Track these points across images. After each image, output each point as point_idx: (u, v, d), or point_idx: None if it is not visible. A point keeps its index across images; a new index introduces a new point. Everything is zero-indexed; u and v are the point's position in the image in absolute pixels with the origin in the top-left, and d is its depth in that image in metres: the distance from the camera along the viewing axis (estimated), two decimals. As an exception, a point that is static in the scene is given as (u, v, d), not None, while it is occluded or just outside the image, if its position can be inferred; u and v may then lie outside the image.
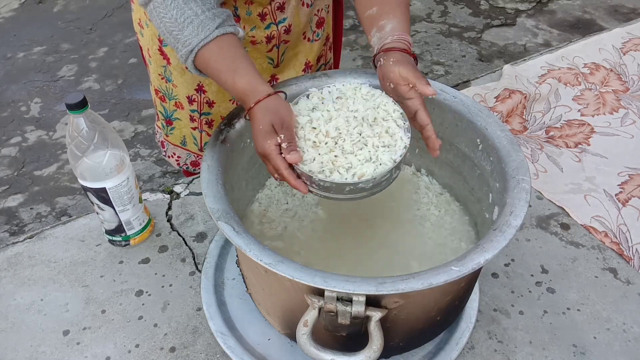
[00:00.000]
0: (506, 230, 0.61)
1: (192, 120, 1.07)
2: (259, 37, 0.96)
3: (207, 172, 0.68)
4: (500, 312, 0.82)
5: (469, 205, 0.84)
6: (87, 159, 0.78)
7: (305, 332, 0.58)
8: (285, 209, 0.86)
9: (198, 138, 1.10)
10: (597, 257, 0.90)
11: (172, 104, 1.07)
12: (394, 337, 0.66)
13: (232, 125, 0.75)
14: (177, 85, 1.02)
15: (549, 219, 0.97)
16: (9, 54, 3.02)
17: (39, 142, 2.43)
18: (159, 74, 1.04)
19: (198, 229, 0.95)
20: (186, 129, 1.10)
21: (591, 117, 1.22)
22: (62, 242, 0.92)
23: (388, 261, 0.79)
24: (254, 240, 0.60)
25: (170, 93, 1.05)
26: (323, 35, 1.08)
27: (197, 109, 1.04)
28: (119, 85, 2.78)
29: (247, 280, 0.75)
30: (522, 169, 0.69)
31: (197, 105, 1.03)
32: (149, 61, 1.05)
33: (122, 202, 0.84)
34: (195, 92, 1.02)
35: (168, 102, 1.07)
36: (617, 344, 0.78)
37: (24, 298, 0.84)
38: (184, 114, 1.07)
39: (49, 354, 0.77)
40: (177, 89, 1.03)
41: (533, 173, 1.07)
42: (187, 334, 0.79)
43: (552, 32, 3.12)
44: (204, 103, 1.03)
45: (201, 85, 1.01)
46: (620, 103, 1.26)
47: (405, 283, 0.56)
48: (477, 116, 0.77)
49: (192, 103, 1.04)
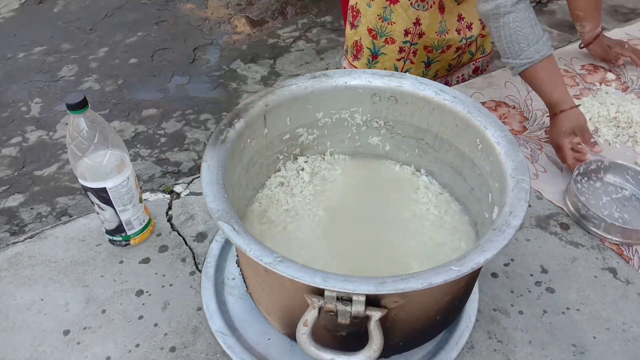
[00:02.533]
0: (506, 230, 0.61)
1: (401, 52, 1.32)
2: None
3: (207, 172, 0.68)
4: (500, 312, 0.82)
5: (469, 205, 0.84)
6: (87, 159, 0.78)
7: (305, 331, 0.58)
8: (285, 209, 0.86)
9: (400, 67, 1.35)
10: (597, 257, 0.91)
11: (382, 40, 1.31)
12: (393, 337, 0.66)
13: (232, 126, 0.76)
14: (396, 22, 1.27)
15: (548, 219, 0.97)
16: (9, 54, 3.02)
17: (40, 142, 2.44)
18: (377, 15, 1.28)
19: (198, 229, 0.95)
20: (389, 62, 1.34)
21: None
22: (62, 242, 0.92)
23: (388, 261, 0.79)
24: (254, 240, 0.60)
25: (384, 31, 1.29)
26: None
27: (410, 40, 1.29)
28: (119, 86, 2.78)
29: (247, 280, 0.76)
30: (522, 168, 0.69)
31: (410, 37, 1.29)
32: (368, 5, 1.27)
33: (123, 202, 0.84)
34: (413, 25, 1.27)
35: (379, 39, 1.31)
36: (616, 344, 0.78)
37: (24, 298, 0.84)
38: (393, 48, 1.31)
39: (49, 353, 0.77)
40: (393, 26, 1.27)
41: (533, 173, 1.07)
42: (187, 333, 0.79)
43: (552, 32, 3.12)
44: (416, 34, 1.29)
45: (418, 19, 1.26)
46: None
47: (405, 283, 0.56)
48: (477, 116, 0.78)
49: (407, 35, 1.29)
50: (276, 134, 0.85)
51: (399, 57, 1.33)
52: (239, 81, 2.83)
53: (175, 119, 2.57)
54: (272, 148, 0.87)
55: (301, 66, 2.94)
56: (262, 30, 3.25)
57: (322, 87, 0.84)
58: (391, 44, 1.31)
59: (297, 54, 3.03)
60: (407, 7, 1.25)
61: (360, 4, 1.30)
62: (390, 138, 0.92)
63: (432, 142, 0.87)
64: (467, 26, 1.32)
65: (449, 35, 1.31)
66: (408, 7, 1.25)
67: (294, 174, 0.91)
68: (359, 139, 0.93)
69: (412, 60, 1.35)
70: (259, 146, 0.83)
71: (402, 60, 1.34)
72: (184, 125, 2.53)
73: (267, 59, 3.00)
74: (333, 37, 3.17)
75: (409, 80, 0.84)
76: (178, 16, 3.38)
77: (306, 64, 2.96)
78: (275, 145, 0.87)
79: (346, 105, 0.88)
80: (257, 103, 0.80)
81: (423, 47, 1.33)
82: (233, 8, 3.46)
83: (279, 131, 0.86)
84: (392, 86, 0.84)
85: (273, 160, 0.89)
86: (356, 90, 0.85)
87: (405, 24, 1.27)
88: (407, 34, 1.28)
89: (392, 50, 1.32)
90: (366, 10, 1.29)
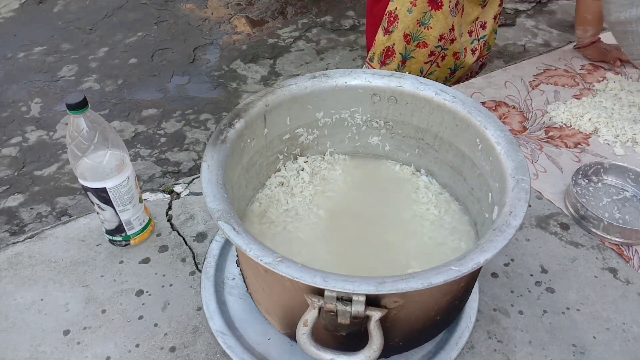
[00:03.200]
0: (506, 230, 0.61)
1: (430, 55, 1.34)
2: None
3: (207, 172, 0.68)
4: (500, 312, 0.82)
5: (469, 205, 0.84)
6: (87, 159, 0.78)
7: (305, 331, 0.58)
8: (285, 209, 0.86)
9: (425, 70, 1.38)
10: (597, 257, 0.91)
11: (414, 44, 1.33)
12: (393, 337, 0.66)
13: (232, 126, 0.76)
14: (434, 27, 1.29)
15: (548, 219, 0.97)
16: (9, 54, 3.02)
17: (40, 142, 2.44)
18: (417, 20, 1.29)
19: (198, 229, 0.95)
20: (417, 65, 1.37)
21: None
22: (62, 242, 0.92)
23: (388, 261, 0.79)
24: (254, 240, 0.60)
25: (419, 35, 1.31)
26: None
27: (442, 45, 1.33)
28: (119, 86, 2.78)
29: (247, 280, 0.76)
30: (522, 168, 0.69)
31: (443, 42, 1.32)
32: (409, 11, 1.28)
33: (123, 202, 0.84)
34: (449, 31, 1.30)
35: (412, 43, 1.33)
36: (616, 344, 0.78)
37: (24, 298, 0.84)
38: (424, 52, 1.34)
39: (49, 353, 0.77)
40: (429, 31, 1.30)
41: (533, 173, 1.07)
42: (187, 333, 0.79)
43: (552, 32, 3.12)
44: (449, 40, 1.32)
45: (453, 26, 1.30)
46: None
47: (405, 283, 0.56)
48: (477, 116, 0.78)
49: (441, 40, 1.31)
50: (276, 134, 0.86)
51: (428, 60, 1.35)
52: (239, 81, 2.83)
53: (175, 119, 2.57)
54: (272, 148, 0.87)
55: (301, 66, 2.94)
56: (262, 30, 3.25)
57: (322, 87, 0.84)
58: (423, 47, 1.33)
59: (297, 54, 3.03)
60: (448, 15, 1.28)
61: (400, 9, 1.30)
62: (390, 138, 0.92)
63: (432, 142, 0.87)
64: (481, 25, 1.36)
65: (463, 37, 1.32)
66: (448, 14, 1.27)
67: (294, 174, 0.91)
68: (359, 139, 0.93)
69: (439, 64, 1.37)
70: (259, 146, 0.83)
71: (429, 63, 1.36)
72: (184, 125, 2.53)
73: (267, 59, 3.00)
74: (333, 37, 3.17)
75: (409, 80, 0.84)
76: (178, 16, 3.38)
77: (306, 64, 2.96)
78: (275, 145, 0.87)
79: (346, 105, 0.88)
80: (257, 103, 0.80)
81: (452, 53, 1.35)
82: (233, 8, 3.46)
83: (279, 131, 0.86)
84: (392, 86, 0.84)
85: (273, 160, 0.89)
86: (356, 90, 0.85)
87: (442, 29, 1.29)
88: (441, 39, 1.31)
89: (422, 54, 1.34)
90: (405, 15, 1.30)
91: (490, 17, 1.37)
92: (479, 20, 1.35)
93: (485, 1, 1.34)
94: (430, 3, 1.26)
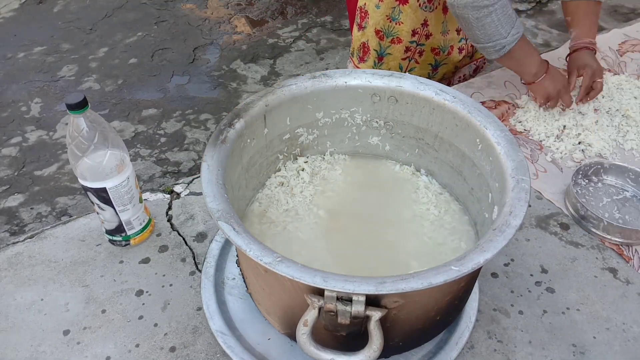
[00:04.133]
0: (506, 230, 0.61)
1: (407, 51, 1.33)
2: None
3: (207, 172, 0.68)
4: (500, 312, 0.82)
5: (469, 205, 0.84)
6: (87, 159, 0.78)
7: (305, 331, 0.58)
8: (285, 209, 0.86)
9: (404, 67, 1.37)
10: (597, 257, 0.91)
11: (388, 41, 1.32)
12: (393, 337, 0.66)
13: (232, 126, 0.76)
14: (404, 22, 1.28)
15: (548, 219, 0.97)
16: (9, 54, 3.02)
17: (40, 142, 2.44)
18: (386, 15, 1.28)
19: (198, 229, 0.95)
20: (394, 62, 1.35)
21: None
22: (62, 242, 0.92)
23: (388, 261, 0.79)
24: (254, 240, 0.60)
25: (391, 31, 1.30)
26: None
27: (416, 40, 1.31)
28: (119, 85, 2.78)
29: (247, 280, 0.76)
30: (522, 168, 0.69)
31: (417, 37, 1.30)
32: (376, 6, 1.28)
33: (122, 202, 0.84)
34: (421, 26, 1.28)
35: (385, 39, 1.32)
36: (616, 344, 0.78)
37: (24, 298, 0.84)
38: (399, 48, 1.32)
39: (49, 353, 0.77)
40: (401, 26, 1.28)
41: (533, 173, 1.07)
42: (187, 333, 0.79)
43: (552, 32, 3.12)
44: (423, 35, 1.30)
45: (426, 20, 1.28)
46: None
47: (405, 283, 0.56)
48: (477, 116, 0.78)
49: (414, 35, 1.30)
50: (276, 134, 0.86)
51: (405, 56, 1.33)
52: (239, 81, 2.83)
53: (175, 119, 2.57)
54: (272, 148, 0.87)
55: (301, 66, 2.94)
56: (262, 30, 3.25)
57: (322, 87, 0.84)
58: (397, 43, 1.31)
59: (297, 54, 3.03)
60: (416, 9, 1.25)
61: (368, 4, 1.30)
62: (390, 138, 0.92)
63: (432, 142, 0.87)
64: None
65: (450, 35, 1.31)
66: (417, 8, 1.25)
67: (294, 174, 0.91)
68: (359, 139, 0.93)
69: (417, 60, 1.35)
70: (259, 146, 0.83)
71: (407, 60, 1.34)
72: (184, 125, 2.53)
73: (267, 59, 3.00)
74: (333, 37, 3.17)
75: (409, 80, 0.84)
76: (178, 16, 3.38)
77: (306, 64, 2.96)
78: (275, 145, 0.87)
79: (346, 105, 0.88)
80: (257, 103, 0.80)
81: (430, 49, 1.33)
82: (233, 8, 3.46)
83: (279, 131, 0.86)
84: (392, 86, 0.84)
85: (273, 160, 0.89)
86: (356, 90, 0.85)
87: (413, 24, 1.28)
88: (415, 34, 1.29)
89: (398, 50, 1.32)
90: (374, 11, 1.29)
91: None
92: None
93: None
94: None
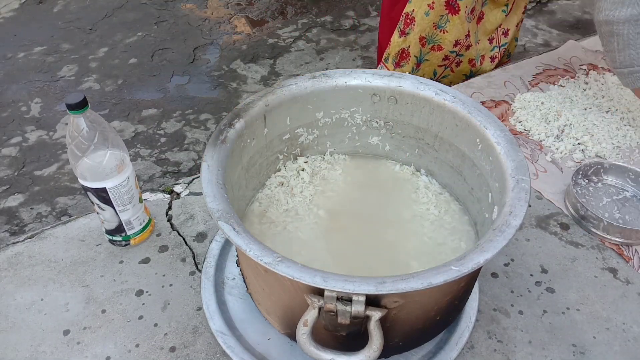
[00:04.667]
0: (506, 230, 0.61)
1: (445, 60, 1.35)
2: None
3: (207, 172, 0.68)
4: (500, 312, 0.82)
5: (469, 205, 0.84)
6: (87, 159, 0.78)
7: (305, 331, 0.58)
8: (285, 209, 0.86)
9: (439, 73, 1.39)
10: (597, 257, 0.91)
11: (429, 47, 1.33)
12: (393, 337, 0.66)
13: (232, 126, 0.76)
14: (449, 31, 1.28)
15: (548, 219, 0.97)
16: (9, 54, 3.02)
17: (40, 142, 2.44)
18: (433, 23, 1.29)
19: (198, 229, 0.95)
20: (430, 67, 1.37)
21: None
22: (62, 242, 0.92)
23: (388, 261, 0.79)
24: (254, 240, 0.60)
25: (434, 38, 1.31)
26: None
27: (457, 50, 1.33)
28: (119, 85, 2.78)
29: (247, 280, 0.76)
30: (522, 168, 0.69)
31: (459, 47, 1.32)
32: (426, 14, 1.27)
33: (122, 202, 0.84)
34: (465, 37, 1.30)
35: (427, 46, 1.33)
36: (616, 344, 0.78)
37: (24, 298, 0.84)
38: (438, 55, 1.33)
39: (49, 353, 0.77)
40: (445, 35, 1.29)
41: (533, 173, 1.07)
42: (187, 333, 0.79)
43: (552, 32, 3.12)
44: (465, 46, 1.32)
45: (469, 32, 1.30)
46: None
47: (405, 283, 0.56)
48: (477, 116, 0.78)
49: (456, 45, 1.31)
50: (276, 134, 0.86)
51: (442, 63, 1.35)
52: (239, 81, 2.83)
53: (175, 119, 2.57)
54: (272, 148, 0.87)
55: (301, 66, 2.94)
56: (262, 30, 3.25)
57: (322, 87, 0.84)
58: (438, 51, 1.32)
59: (297, 54, 3.03)
60: (464, 20, 1.27)
61: (417, 12, 1.29)
62: (390, 138, 0.92)
63: (432, 142, 0.87)
64: (503, 33, 1.35)
65: (480, 44, 1.32)
66: (464, 19, 1.27)
67: (294, 174, 0.91)
68: (359, 139, 0.93)
69: (453, 69, 1.36)
70: (259, 146, 0.83)
71: (443, 67, 1.36)
72: (184, 125, 2.53)
73: (267, 59, 2.99)
74: (333, 37, 3.17)
75: (409, 80, 0.84)
76: (178, 16, 3.38)
77: (306, 64, 2.96)
78: (275, 145, 0.87)
79: (346, 105, 0.88)
80: (257, 103, 0.80)
81: (468, 60, 1.34)
82: (233, 8, 3.46)
83: (279, 131, 0.86)
84: (392, 86, 0.84)
85: (273, 160, 0.89)
86: (356, 90, 0.85)
87: (458, 34, 1.29)
88: (457, 44, 1.30)
89: (437, 57, 1.33)
90: (422, 18, 1.29)
91: (514, 24, 1.36)
92: (501, 27, 1.34)
93: (509, 8, 1.32)
94: (447, 7, 1.26)
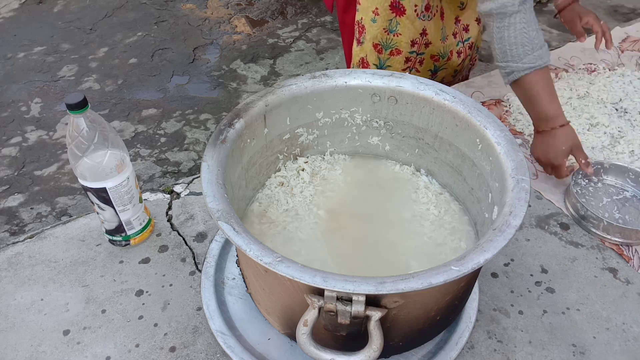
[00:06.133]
0: (506, 230, 0.61)
1: (407, 62, 1.32)
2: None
3: (207, 172, 0.68)
4: (500, 312, 0.82)
5: (469, 204, 0.84)
6: (87, 159, 0.78)
7: (305, 331, 0.58)
8: (285, 209, 0.86)
9: None
10: (597, 257, 0.91)
11: (387, 53, 1.30)
12: (393, 337, 0.66)
13: (232, 126, 0.76)
14: (402, 33, 1.26)
15: (548, 219, 0.97)
16: (9, 54, 3.02)
17: (39, 142, 2.43)
18: (383, 28, 1.26)
19: (198, 229, 0.95)
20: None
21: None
22: (62, 242, 0.92)
23: (388, 261, 0.79)
24: (254, 240, 0.60)
25: (389, 43, 1.28)
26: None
27: (416, 50, 1.30)
28: (119, 85, 2.78)
29: (247, 280, 0.76)
30: (522, 168, 0.69)
31: (417, 47, 1.29)
32: (372, 20, 1.25)
33: (122, 202, 0.84)
34: (420, 35, 1.27)
35: (384, 52, 1.30)
36: (616, 344, 0.78)
37: (24, 298, 0.84)
38: (399, 59, 1.31)
39: (49, 353, 0.77)
40: (399, 37, 1.27)
41: (532, 173, 1.07)
42: (187, 333, 0.79)
43: (552, 32, 3.12)
44: (423, 44, 1.29)
45: (425, 30, 1.26)
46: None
47: (405, 283, 0.56)
48: (477, 116, 0.78)
49: (413, 45, 1.29)
50: (276, 134, 0.86)
51: (405, 66, 1.33)
52: (239, 81, 2.83)
53: (175, 119, 2.57)
54: (272, 148, 0.87)
55: (301, 66, 2.94)
56: (262, 30, 3.25)
57: (322, 87, 0.84)
58: (397, 55, 1.30)
59: (297, 54, 3.03)
60: (414, 19, 1.24)
61: (365, 19, 1.28)
62: (390, 138, 0.92)
63: (432, 142, 0.87)
64: (463, 28, 1.33)
65: (448, 40, 1.31)
66: (415, 18, 1.24)
67: (294, 174, 0.91)
68: (359, 139, 0.93)
69: (418, 69, 1.34)
70: (259, 146, 0.83)
71: (407, 70, 1.34)
72: (184, 125, 2.53)
73: (267, 59, 2.99)
74: (333, 37, 3.17)
75: (409, 80, 0.84)
76: (178, 16, 3.38)
77: (306, 64, 2.96)
78: (275, 145, 0.87)
79: (346, 105, 0.88)
80: (257, 103, 0.80)
81: (430, 56, 1.32)
82: (233, 8, 3.46)
83: (279, 131, 0.86)
84: (392, 86, 0.84)
85: (273, 160, 0.89)
86: (356, 90, 0.85)
87: (412, 34, 1.26)
88: (414, 44, 1.28)
89: (398, 61, 1.31)
90: (371, 25, 1.27)
91: (472, 19, 1.34)
92: (461, 22, 1.32)
93: (464, 3, 1.29)
94: (392, 9, 1.23)
